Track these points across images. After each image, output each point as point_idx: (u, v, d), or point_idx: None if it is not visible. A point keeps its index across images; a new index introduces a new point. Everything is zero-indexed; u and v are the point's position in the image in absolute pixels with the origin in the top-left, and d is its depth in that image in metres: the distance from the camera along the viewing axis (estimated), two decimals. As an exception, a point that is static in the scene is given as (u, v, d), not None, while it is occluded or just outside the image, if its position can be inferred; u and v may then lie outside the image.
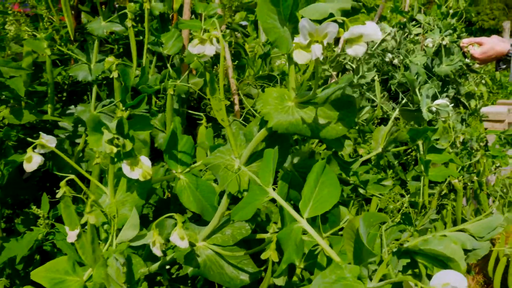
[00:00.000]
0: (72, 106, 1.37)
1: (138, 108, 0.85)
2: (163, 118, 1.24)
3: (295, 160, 1.04)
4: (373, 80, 2.08)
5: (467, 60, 2.42)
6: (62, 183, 0.72)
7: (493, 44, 2.02)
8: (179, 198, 0.90)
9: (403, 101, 1.07)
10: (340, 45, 1.97)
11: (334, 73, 1.92)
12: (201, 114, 1.21)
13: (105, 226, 0.82)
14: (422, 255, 0.54)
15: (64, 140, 1.31)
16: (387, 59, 2.28)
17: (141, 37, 1.30)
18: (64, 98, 1.53)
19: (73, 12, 1.47)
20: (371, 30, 0.57)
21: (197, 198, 0.91)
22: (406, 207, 0.89)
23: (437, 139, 2.10)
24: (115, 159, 0.81)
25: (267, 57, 1.57)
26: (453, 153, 1.64)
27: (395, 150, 0.99)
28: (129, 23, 1.16)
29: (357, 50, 0.59)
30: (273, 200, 0.67)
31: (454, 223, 2.05)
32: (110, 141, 0.76)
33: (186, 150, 0.92)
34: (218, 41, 0.77)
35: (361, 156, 1.51)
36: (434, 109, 0.96)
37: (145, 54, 1.18)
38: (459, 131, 2.03)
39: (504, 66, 2.07)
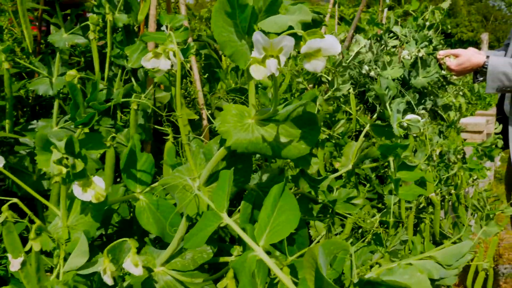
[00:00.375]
0: (35, 121, 1.31)
1: (89, 125, 0.80)
2: (128, 133, 1.19)
3: (264, 178, 1.00)
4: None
5: (443, 72, 2.42)
6: (4, 207, 0.67)
7: (469, 56, 2.02)
8: (138, 220, 0.85)
9: (374, 116, 1.04)
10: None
11: (310, 86, 1.89)
12: (167, 129, 1.16)
13: (56, 252, 0.77)
14: (386, 286, 0.50)
15: (25, 156, 1.25)
16: (363, 71, 2.27)
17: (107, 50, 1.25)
18: (29, 113, 1.47)
19: (37, 23, 1.42)
20: (329, 44, 0.54)
21: (158, 220, 0.86)
22: (377, 227, 0.85)
23: (414, 152, 2.09)
24: (67, 180, 0.76)
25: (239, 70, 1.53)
26: (426, 170, 1.61)
27: (366, 166, 0.96)
28: (91, 35, 1.12)
29: (315, 65, 0.55)
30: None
31: (433, 237, 2.03)
32: (59, 161, 0.71)
33: (145, 168, 0.88)
34: (174, 55, 0.73)
35: (337, 171, 1.48)
36: (405, 124, 0.93)
37: (107, 68, 1.13)
38: (435, 144, 2.01)
39: (481, 78, 2.07)
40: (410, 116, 0.94)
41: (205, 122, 1.25)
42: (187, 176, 0.77)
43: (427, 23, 2.55)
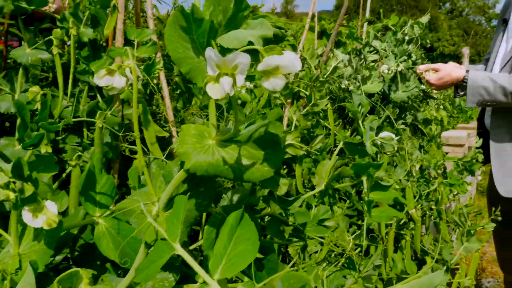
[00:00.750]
0: (-1, 139, 1.25)
1: (38, 147, 0.75)
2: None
3: (235, 198, 0.96)
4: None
5: (423, 87, 2.41)
6: None
7: (449, 71, 2.01)
8: (97, 246, 0.80)
9: (348, 133, 1.00)
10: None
11: (288, 101, 1.86)
12: (135, 147, 1.12)
13: (4, 284, 0.71)
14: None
15: (-14, 176, 1.19)
16: (343, 86, 2.25)
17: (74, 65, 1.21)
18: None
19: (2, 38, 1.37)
20: (288, 61, 0.50)
21: (119, 245, 0.81)
22: (350, 250, 0.82)
23: (395, 167, 2.06)
24: (18, 204, 0.71)
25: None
26: (406, 186, 1.58)
27: (341, 186, 0.92)
28: (55, 50, 1.07)
29: (274, 83, 0.51)
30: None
31: (414, 253, 2.00)
32: (6, 185, 0.66)
33: (106, 190, 0.83)
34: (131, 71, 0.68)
35: (313, 189, 1.44)
36: (379, 142, 0.89)
37: (70, 84, 1.08)
38: (415, 159, 1.99)
39: (462, 93, 2.06)
40: (383, 134, 0.91)
41: (175, 140, 1.20)
42: (146, 199, 0.72)
43: (407, 38, 2.55)
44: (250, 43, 0.55)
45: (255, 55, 0.55)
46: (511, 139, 1.95)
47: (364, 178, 0.86)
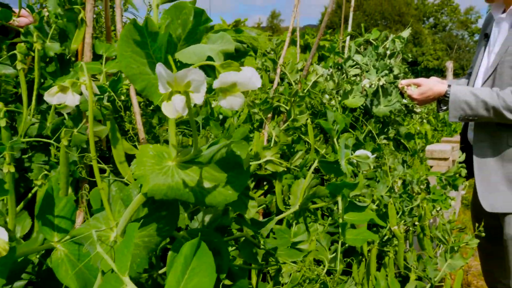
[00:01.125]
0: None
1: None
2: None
3: (207, 219, 0.91)
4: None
5: (405, 101, 2.40)
6: None
7: (431, 85, 1.99)
8: (55, 273, 0.75)
9: (323, 151, 0.97)
10: (274, 86, 1.89)
11: (268, 116, 1.82)
12: (106, 166, 1.07)
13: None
14: None
15: None
16: (324, 101, 2.22)
17: (42, 80, 1.16)
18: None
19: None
20: (246, 78, 0.46)
21: (79, 272, 0.76)
22: (324, 276, 0.77)
23: (378, 182, 2.03)
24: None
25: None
26: (389, 202, 1.55)
27: (315, 207, 0.88)
28: (19, 65, 1.03)
29: (231, 102, 0.47)
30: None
31: (398, 270, 1.96)
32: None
33: (65, 214, 0.78)
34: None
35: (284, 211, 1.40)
36: (354, 160, 0.86)
37: (34, 100, 1.04)
38: (397, 174, 1.96)
39: (444, 108, 2.04)
40: (359, 152, 0.87)
41: (146, 158, 1.15)
42: (104, 224, 0.67)
43: (388, 52, 2.54)
44: (210, 58, 0.52)
45: (214, 71, 0.51)
46: (494, 153, 1.94)
47: (338, 199, 0.82)
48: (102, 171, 1.15)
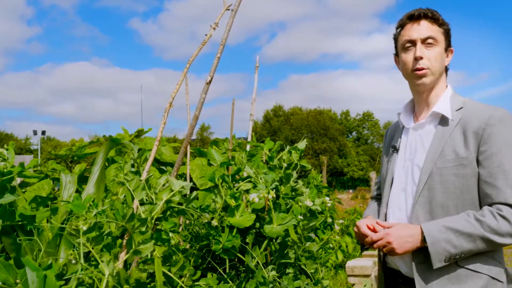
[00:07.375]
0: None
1: None
2: None
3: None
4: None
5: (301, 217, 2.09)
6: None
7: (407, 235, 1.65)
8: None
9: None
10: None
11: (97, 247, 1.43)
12: None
13: None
14: None
15: None
16: (204, 220, 1.87)
17: None
18: None
19: None
20: None
21: None
22: None
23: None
24: None
25: None
26: None
27: None
28: None
29: None
30: None
31: None
32: None
33: None
34: None
35: None
36: None
37: None
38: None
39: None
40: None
41: None
42: None
43: (284, 164, 2.28)
44: None
45: None
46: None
47: None
48: None
